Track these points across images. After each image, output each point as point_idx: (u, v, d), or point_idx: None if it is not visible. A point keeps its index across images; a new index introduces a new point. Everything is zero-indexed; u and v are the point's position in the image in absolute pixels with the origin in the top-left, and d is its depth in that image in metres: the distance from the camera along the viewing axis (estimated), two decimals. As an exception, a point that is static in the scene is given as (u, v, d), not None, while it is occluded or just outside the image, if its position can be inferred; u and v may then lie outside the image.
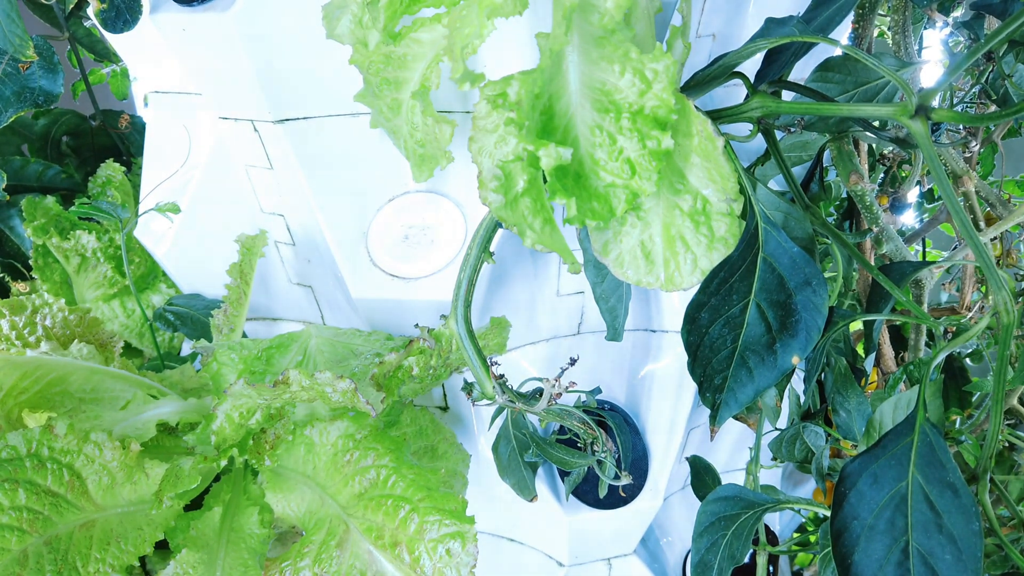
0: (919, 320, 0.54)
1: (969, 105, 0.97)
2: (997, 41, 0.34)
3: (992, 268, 0.37)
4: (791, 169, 0.52)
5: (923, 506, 0.35)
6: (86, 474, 0.60)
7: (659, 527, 0.98)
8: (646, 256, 0.43)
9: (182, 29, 0.59)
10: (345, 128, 0.67)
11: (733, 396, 0.40)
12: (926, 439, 0.37)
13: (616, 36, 0.36)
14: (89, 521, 0.59)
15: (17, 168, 0.95)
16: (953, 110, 0.36)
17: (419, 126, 0.53)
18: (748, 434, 0.97)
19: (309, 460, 0.63)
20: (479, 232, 0.47)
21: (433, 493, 0.55)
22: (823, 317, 0.38)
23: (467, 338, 0.48)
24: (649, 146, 0.38)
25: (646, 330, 0.86)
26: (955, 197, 0.37)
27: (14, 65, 0.64)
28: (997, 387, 0.39)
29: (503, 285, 0.75)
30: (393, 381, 0.59)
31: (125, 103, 1.28)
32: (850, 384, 0.65)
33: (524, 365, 0.82)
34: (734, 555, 0.53)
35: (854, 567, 0.35)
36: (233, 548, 0.60)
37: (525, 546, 0.92)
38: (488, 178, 0.37)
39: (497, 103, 0.36)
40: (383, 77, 0.52)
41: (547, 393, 0.49)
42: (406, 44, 0.50)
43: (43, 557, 0.55)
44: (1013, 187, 1.17)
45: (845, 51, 0.39)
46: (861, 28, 0.75)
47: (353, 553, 0.56)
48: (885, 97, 0.57)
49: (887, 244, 0.75)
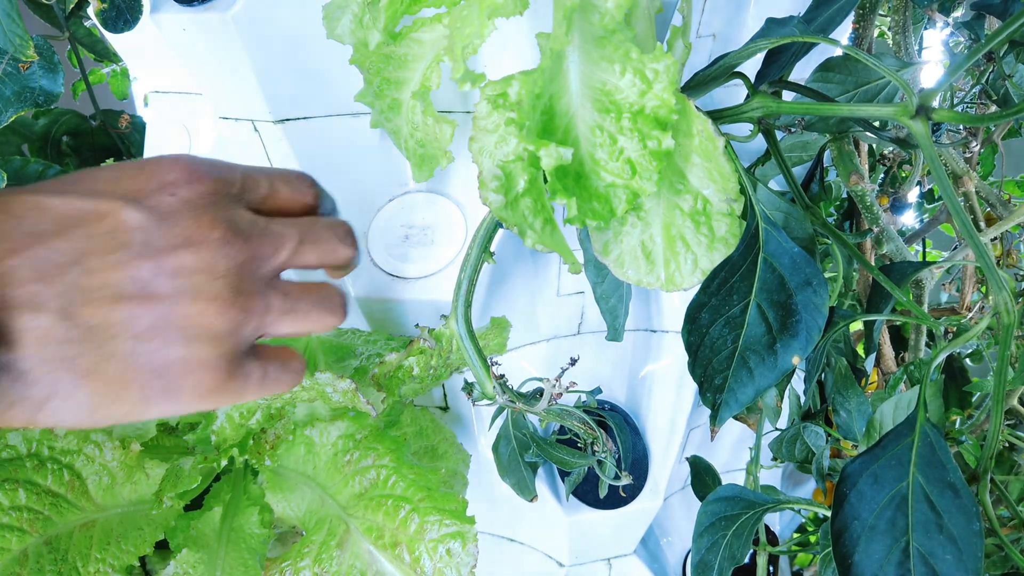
0: (920, 320, 0.54)
1: (969, 105, 0.97)
2: (997, 41, 0.34)
3: (993, 268, 0.37)
4: (791, 169, 0.52)
5: (924, 506, 0.35)
6: (86, 474, 0.60)
7: (659, 527, 0.98)
8: (646, 256, 0.43)
9: (182, 29, 0.59)
10: (345, 128, 0.67)
11: (733, 396, 0.40)
12: (927, 439, 0.37)
13: (617, 36, 0.36)
14: (89, 521, 0.59)
15: (17, 168, 0.95)
16: (953, 110, 0.36)
17: (420, 126, 0.54)
18: (748, 434, 0.97)
19: (309, 460, 0.63)
20: (479, 232, 0.47)
21: (433, 493, 0.55)
22: (824, 317, 0.38)
23: (468, 338, 0.48)
24: (650, 146, 0.38)
25: (646, 330, 0.86)
26: (955, 197, 0.37)
27: (14, 65, 0.64)
28: (997, 387, 0.39)
29: (503, 285, 0.75)
30: (393, 381, 0.59)
31: (125, 103, 1.28)
32: (850, 384, 0.65)
33: (524, 365, 0.82)
34: (734, 555, 0.53)
35: (854, 567, 0.35)
36: (233, 548, 0.60)
37: (525, 546, 0.92)
38: (488, 178, 0.37)
39: (497, 103, 0.36)
40: (383, 77, 0.52)
41: (547, 393, 0.49)
42: (406, 44, 0.50)
43: (43, 557, 0.55)
44: (1013, 187, 1.17)
45: (846, 51, 0.39)
46: (861, 28, 0.75)
47: (353, 553, 0.56)
48: (885, 97, 0.57)
49: (887, 244, 0.75)
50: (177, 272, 0.28)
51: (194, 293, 0.29)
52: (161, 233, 0.29)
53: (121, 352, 0.28)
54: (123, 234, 0.28)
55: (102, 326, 0.28)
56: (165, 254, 0.28)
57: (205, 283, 0.29)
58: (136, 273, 0.28)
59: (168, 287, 0.28)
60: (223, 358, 0.30)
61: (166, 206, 0.29)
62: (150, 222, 0.29)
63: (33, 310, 0.27)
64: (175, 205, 0.29)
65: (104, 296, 0.28)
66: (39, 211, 0.28)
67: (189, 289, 0.29)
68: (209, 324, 0.29)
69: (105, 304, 0.28)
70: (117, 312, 0.28)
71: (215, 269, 0.29)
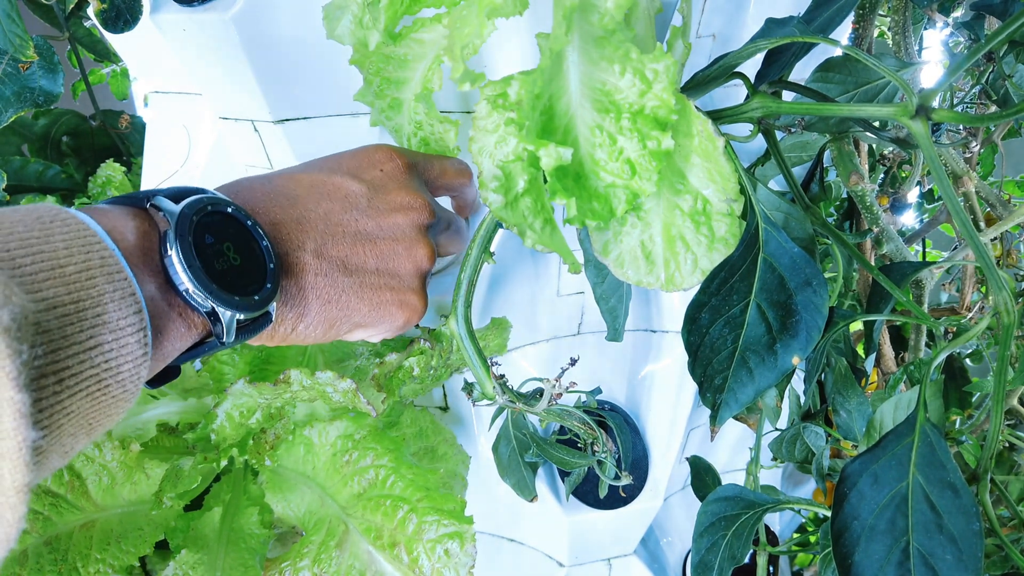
0: (920, 320, 0.54)
1: (969, 105, 0.97)
2: (997, 42, 0.34)
3: (993, 269, 0.37)
4: (791, 169, 0.52)
5: (924, 506, 0.35)
6: (86, 474, 0.60)
7: (659, 527, 0.98)
8: (646, 256, 0.43)
9: (182, 29, 0.59)
10: (345, 128, 0.67)
11: (733, 396, 0.40)
12: (927, 439, 0.37)
13: (616, 36, 0.36)
14: (89, 521, 0.59)
15: (17, 168, 0.95)
16: (953, 111, 0.36)
17: (423, 125, 0.54)
18: (748, 434, 0.97)
19: (309, 460, 0.63)
20: (479, 232, 0.47)
21: (432, 493, 0.55)
22: (824, 317, 0.38)
23: (468, 339, 0.48)
24: (649, 146, 0.38)
25: (646, 330, 0.86)
26: (956, 197, 0.37)
27: (14, 65, 0.64)
28: (998, 388, 0.39)
29: (503, 285, 0.75)
30: (394, 381, 0.59)
31: (125, 103, 1.28)
32: (851, 385, 0.65)
33: (524, 365, 0.82)
34: (735, 555, 0.52)
35: (855, 567, 0.35)
36: (233, 548, 0.60)
37: (525, 546, 0.92)
38: (489, 178, 0.37)
39: (497, 103, 0.36)
40: (384, 76, 0.52)
41: (547, 393, 0.49)
42: (406, 45, 0.50)
43: (43, 557, 0.55)
44: (1013, 187, 1.17)
45: (846, 51, 0.39)
46: (861, 28, 0.75)
47: (352, 553, 0.56)
48: (885, 97, 0.57)
49: (887, 244, 0.75)
50: (392, 227, 0.41)
51: (404, 241, 0.42)
52: (379, 199, 0.41)
53: (354, 286, 0.39)
54: (352, 199, 0.40)
55: (343, 264, 0.39)
56: (384, 215, 0.41)
57: (408, 234, 0.42)
58: (364, 227, 0.40)
59: (387, 235, 0.41)
60: (421, 282, 0.44)
61: (379, 179, 0.42)
62: (370, 191, 0.41)
63: (299, 249, 0.37)
64: (385, 179, 0.42)
65: (344, 242, 0.39)
66: (294, 182, 0.39)
67: (400, 238, 0.42)
68: (413, 260, 0.42)
69: (345, 247, 0.39)
70: (354, 253, 0.39)
71: (416, 225, 0.43)
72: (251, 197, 0.37)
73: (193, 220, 0.32)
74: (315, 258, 0.38)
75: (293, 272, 0.37)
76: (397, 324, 0.42)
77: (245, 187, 0.38)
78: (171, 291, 0.32)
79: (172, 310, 0.32)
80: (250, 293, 0.34)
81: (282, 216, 0.37)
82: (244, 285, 0.34)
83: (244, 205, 0.36)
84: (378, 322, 0.41)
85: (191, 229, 0.32)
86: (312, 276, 0.37)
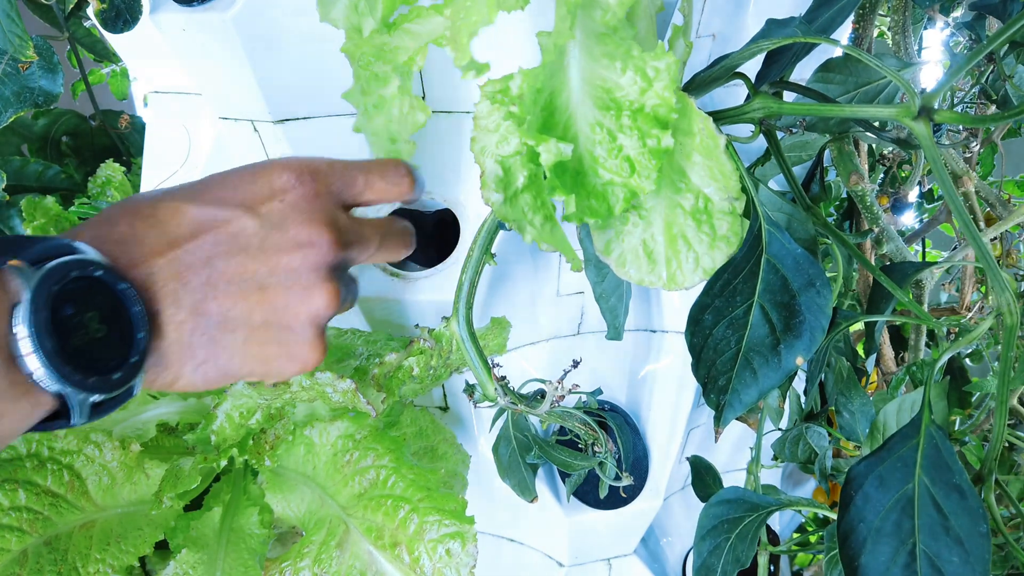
0: (921, 321, 0.54)
1: (969, 105, 0.97)
2: (999, 43, 0.33)
3: (995, 269, 0.37)
4: (791, 169, 0.51)
5: (930, 508, 0.35)
6: (86, 474, 0.60)
7: (659, 527, 0.98)
8: (648, 255, 0.43)
9: (182, 29, 0.58)
10: (345, 128, 0.66)
11: (737, 397, 0.40)
12: (932, 441, 0.37)
13: (618, 33, 0.36)
14: (89, 521, 0.59)
15: (17, 168, 0.95)
16: (955, 111, 0.35)
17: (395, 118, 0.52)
18: (748, 434, 0.97)
19: (309, 460, 0.63)
20: (481, 234, 0.47)
21: (433, 493, 0.55)
22: (827, 318, 0.38)
23: (469, 340, 0.48)
24: (649, 144, 0.38)
25: (647, 330, 0.86)
26: (957, 197, 0.37)
27: (14, 65, 0.64)
28: (1001, 388, 0.39)
29: (504, 285, 0.75)
30: (394, 381, 0.59)
31: (125, 103, 1.28)
32: (853, 386, 0.65)
33: (524, 365, 0.82)
34: (738, 558, 0.52)
35: (861, 569, 0.35)
36: (233, 548, 0.60)
37: (525, 546, 0.92)
38: (491, 178, 0.36)
39: (498, 99, 0.36)
40: (372, 72, 0.52)
41: (550, 396, 0.49)
42: (399, 35, 0.50)
43: (43, 557, 0.55)
44: (1013, 187, 1.17)
45: (847, 52, 0.39)
46: (861, 28, 0.75)
47: (353, 553, 0.56)
48: (886, 98, 0.57)
49: (887, 244, 0.75)
50: (286, 271, 0.35)
51: (297, 287, 0.35)
52: (274, 238, 0.35)
53: (235, 343, 0.34)
54: (243, 239, 0.34)
55: (224, 321, 0.34)
56: (278, 255, 0.35)
57: (304, 278, 0.35)
58: (253, 273, 0.34)
59: (278, 282, 0.35)
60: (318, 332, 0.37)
61: (276, 212, 0.35)
62: (264, 228, 0.35)
63: (173, 305, 0.33)
64: (284, 211, 0.35)
65: (228, 293, 0.34)
66: (178, 216, 0.34)
67: (294, 284, 0.35)
68: (307, 308, 0.36)
69: (228, 300, 0.34)
70: (237, 306, 0.34)
71: (314, 266, 0.35)
72: (128, 240, 0.33)
73: (52, 291, 0.28)
74: (192, 315, 0.33)
75: (166, 333, 0.33)
76: (285, 375, 0.38)
77: (125, 226, 0.33)
78: (15, 369, 0.28)
79: (14, 389, 0.28)
80: (110, 370, 0.30)
81: (158, 266, 0.32)
82: (105, 360, 0.30)
83: (119, 255, 0.32)
84: (264, 376, 0.37)
85: (47, 302, 0.28)
86: (188, 335, 0.33)
